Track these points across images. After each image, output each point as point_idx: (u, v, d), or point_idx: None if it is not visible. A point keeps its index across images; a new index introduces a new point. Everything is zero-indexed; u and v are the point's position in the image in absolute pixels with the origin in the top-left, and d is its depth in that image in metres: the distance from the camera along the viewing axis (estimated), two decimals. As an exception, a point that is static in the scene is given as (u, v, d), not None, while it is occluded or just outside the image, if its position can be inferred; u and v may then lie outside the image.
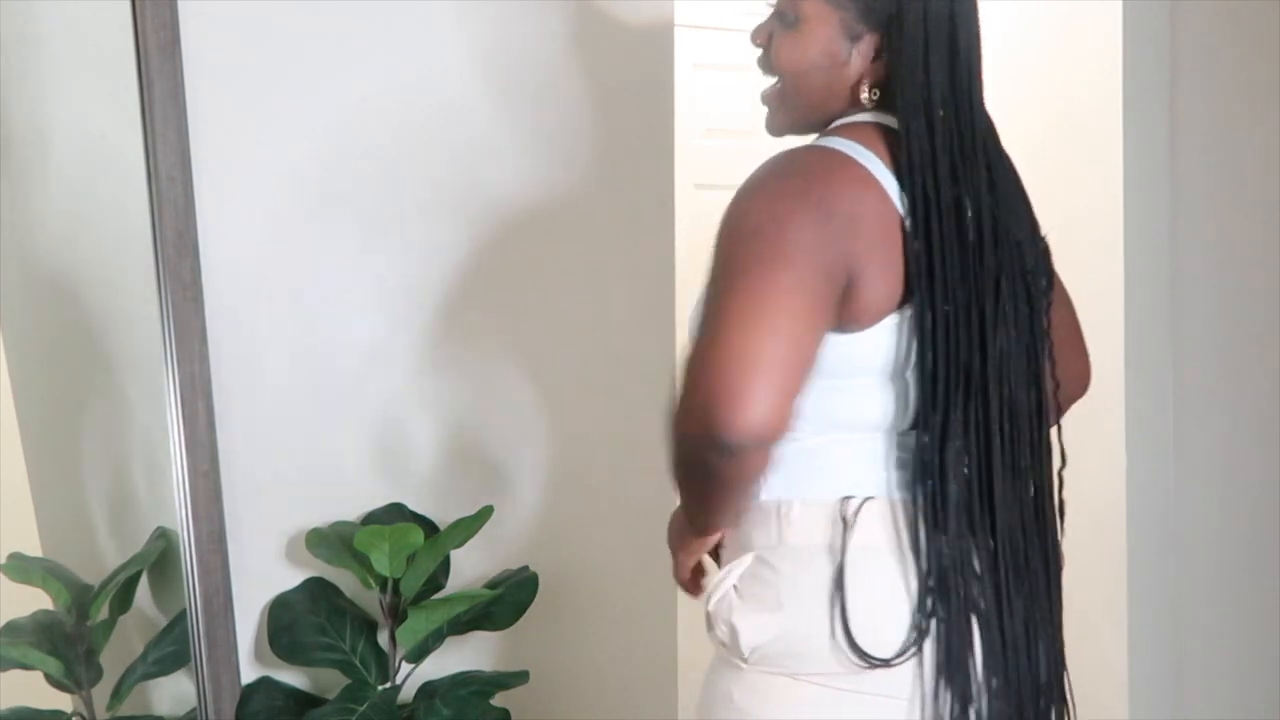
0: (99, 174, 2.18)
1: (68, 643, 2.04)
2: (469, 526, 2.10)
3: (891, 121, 1.54)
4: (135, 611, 2.12)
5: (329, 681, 2.16)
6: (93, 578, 2.08)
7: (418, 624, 2.05)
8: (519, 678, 2.13)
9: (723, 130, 3.81)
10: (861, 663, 1.46)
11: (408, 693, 2.12)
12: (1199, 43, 2.54)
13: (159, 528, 2.11)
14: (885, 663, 1.46)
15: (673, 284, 2.45)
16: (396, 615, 2.10)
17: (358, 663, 2.09)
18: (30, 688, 2.00)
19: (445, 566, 2.15)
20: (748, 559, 1.52)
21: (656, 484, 2.41)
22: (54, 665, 2.02)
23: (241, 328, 2.13)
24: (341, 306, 2.21)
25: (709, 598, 1.54)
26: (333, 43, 2.19)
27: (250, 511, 2.13)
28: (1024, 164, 1.61)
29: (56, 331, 2.17)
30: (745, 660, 1.50)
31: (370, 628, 2.13)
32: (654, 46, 2.40)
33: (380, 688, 2.08)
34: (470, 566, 2.24)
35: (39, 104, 2.14)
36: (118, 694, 2.06)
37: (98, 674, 2.07)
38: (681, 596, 2.50)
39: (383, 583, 2.08)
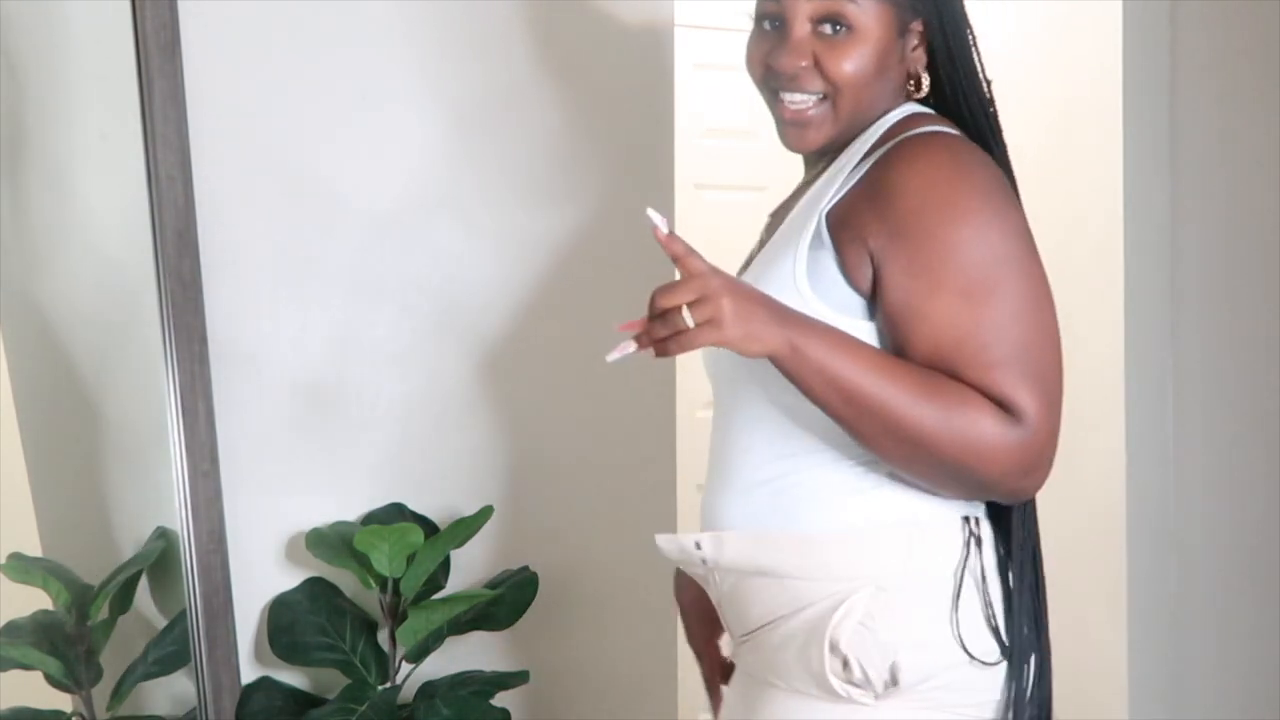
0: (99, 174, 2.18)
1: (68, 643, 2.04)
2: (469, 526, 2.10)
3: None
4: (135, 611, 2.12)
5: (329, 681, 2.16)
6: (93, 578, 2.08)
7: (418, 624, 2.05)
8: (519, 678, 2.13)
9: (723, 130, 3.82)
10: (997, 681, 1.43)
11: (408, 693, 2.12)
12: (1199, 43, 2.54)
13: (159, 528, 2.11)
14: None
15: (673, 284, 2.44)
16: (396, 615, 2.10)
17: (358, 663, 2.09)
18: (30, 688, 2.00)
19: (445, 566, 2.15)
20: (866, 590, 1.40)
21: (656, 483, 2.43)
22: (54, 665, 2.02)
23: (241, 328, 2.13)
24: (341, 307, 2.21)
25: (827, 638, 1.39)
26: (333, 42, 2.19)
27: (250, 511, 2.13)
28: (1024, 164, 1.62)
29: (56, 331, 2.17)
30: (883, 696, 1.39)
31: (370, 628, 2.14)
32: (654, 46, 2.40)
33: (380, 688, 2.08)
34: (470, 566, 2.24)
35: (39, 104, 2.14)
36: (118, 694, 2.06)
37: (98, 674, 2.07)
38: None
39: (383, 583, 2.08)
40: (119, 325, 2.18)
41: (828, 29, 1.47)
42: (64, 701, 2.05)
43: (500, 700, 2.09)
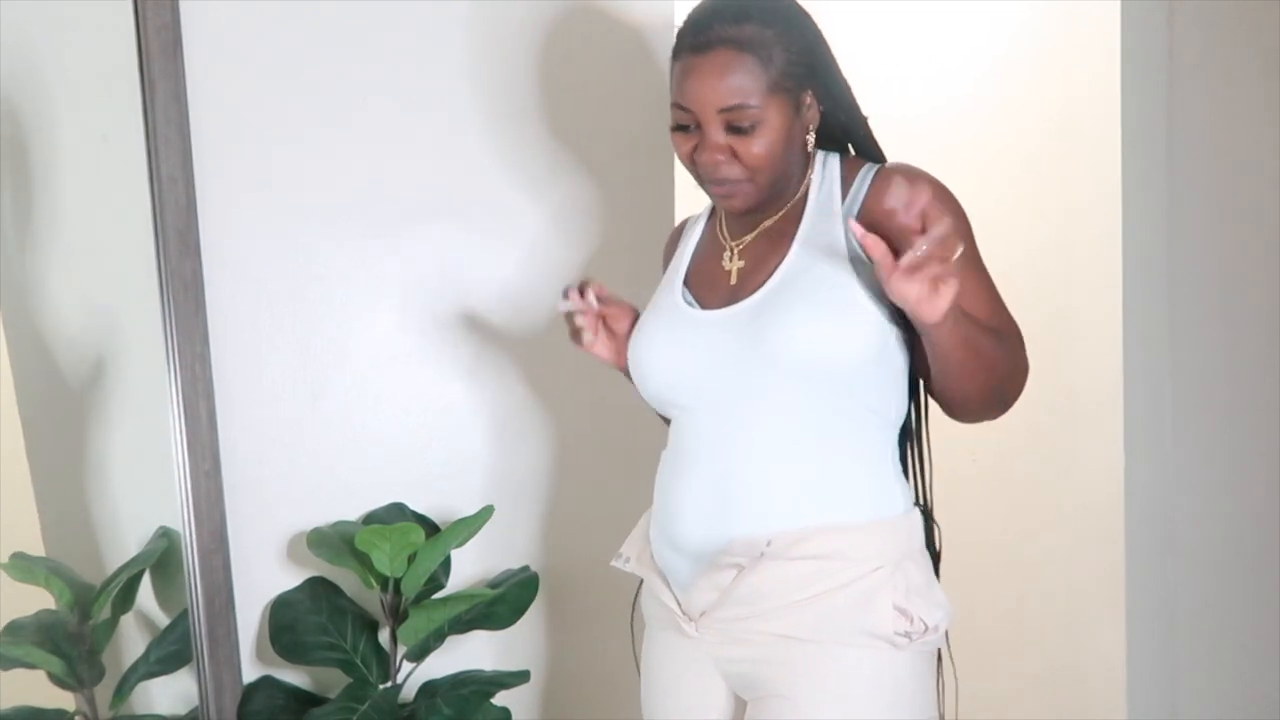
0: (101, 175, 2.18)
1: (70, 642, 2.05)
2: (469, 526, 2.11)
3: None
4: (137, 611, 2.13)
5: (330, 680, 2.17)
6: (95, 577, 2.09)
7: (418, 623, 2.06)
8: (519, 677, 2.13)
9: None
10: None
11: (408, 692, 2.13)
12: (1197, 44, 2.55)
13: (161, 527, 2.12)
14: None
15: (673, 284, 2.45)
16: (397, 615, 2.10)
17: (359, 662, 2.10)
18: (33, 687, 2.01)
19: (446, 566, 2.16)
20: (890, 565, 1.67)
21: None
22: (56, 664, 2.03)
23: (243, 328, 2.14)
24: (342, 307, 2.22)
25: (891, 602, 1.66)
26: (334, 42, 2.20)
27: (252, 511, 2.14)
28: (1022, 164, 1.63)
29: (58, 331, 2.18)
30: (913, 645, 1.68)
31: (371, 627, 2.14)
32: (654, 46, 2.40)
33: (381, 687, 2.09)
34: (470, 566, 2.25)
35: (41, 105, 2.14)
36: (120, 693, 2.07)
37: (100, 673, 2.07)
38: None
39: (384, 582, 2.09)
40: (120, 325, 2.18)
41: (732, 130, 1.68)
42: (66, 700, 2.06)
43: (500, 700, 2.10)
